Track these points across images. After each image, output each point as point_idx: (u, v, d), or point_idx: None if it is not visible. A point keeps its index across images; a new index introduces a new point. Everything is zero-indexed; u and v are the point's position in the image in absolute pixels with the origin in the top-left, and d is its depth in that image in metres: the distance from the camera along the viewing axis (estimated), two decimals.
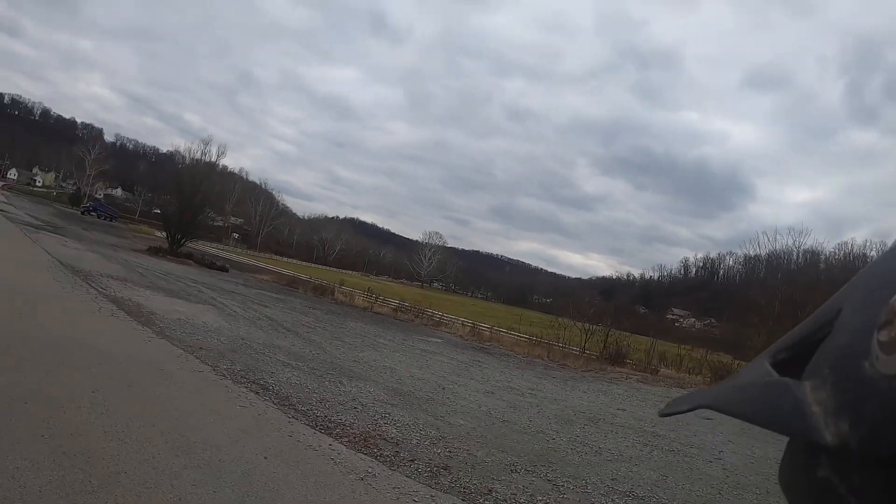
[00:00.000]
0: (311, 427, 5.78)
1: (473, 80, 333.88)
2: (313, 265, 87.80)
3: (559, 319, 23.26)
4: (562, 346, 21.64)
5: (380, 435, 5.95)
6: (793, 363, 0.44)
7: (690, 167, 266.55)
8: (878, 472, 0.35)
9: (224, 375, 7.32)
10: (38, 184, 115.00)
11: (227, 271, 32.40)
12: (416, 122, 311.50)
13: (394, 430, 6.25)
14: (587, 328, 22.20)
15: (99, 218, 65.56)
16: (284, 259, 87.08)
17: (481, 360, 16.23)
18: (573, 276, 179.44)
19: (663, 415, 0.52)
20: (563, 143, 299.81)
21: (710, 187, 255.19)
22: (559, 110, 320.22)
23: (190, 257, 31.79)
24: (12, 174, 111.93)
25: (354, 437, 5.67)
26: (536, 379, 13.99)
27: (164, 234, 33.61)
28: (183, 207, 32.59)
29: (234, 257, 53.44)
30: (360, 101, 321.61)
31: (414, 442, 5.98)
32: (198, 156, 35.23)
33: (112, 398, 5.36)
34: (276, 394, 6.91)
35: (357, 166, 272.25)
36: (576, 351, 21.48)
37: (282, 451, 4.91)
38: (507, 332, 26.32)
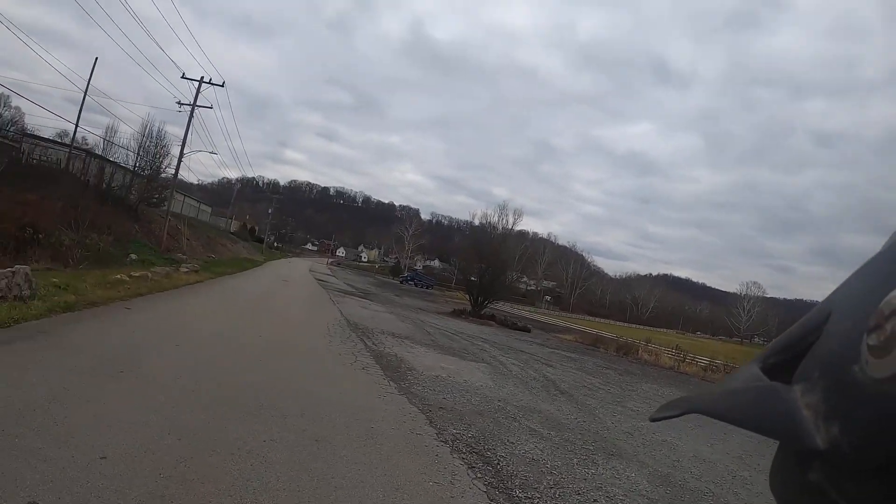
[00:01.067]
0: None
1: (770, 109, 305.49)
2: (625, 324, 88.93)
3: None
4: None
5: None
6: (783, 367, 0.47)
7: None
8: (869, 477, 0.37)
9: (445, 442, 6.46)
10: (363, 259, 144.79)
11: (528, 331, 33.50)
12: (717, 166, 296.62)
13: None
14: None
15: (416, 286, 75.58)
16: (596, 319, 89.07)
17: None
18: None
19: (654, 419, 0.56)
20: (883, 162, 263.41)
21: None
22: (870, 125, 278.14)
23: (492, 318, 34.08)
24: (341, 252, 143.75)
25: None
26: None
27: (469, 297, 36.42)
28: (482, 271, 35.27)
29: (543, 319, 55.06)
30: (658, 152, 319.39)
31: None
32: (495, 220, 37.93)
33: (280, 451, 4.92)
34: (497, 471, 5.76)
35: (665, 220, 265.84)
36: None
37: None
38: None
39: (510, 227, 37.56)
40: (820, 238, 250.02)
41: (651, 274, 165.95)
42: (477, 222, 39.18)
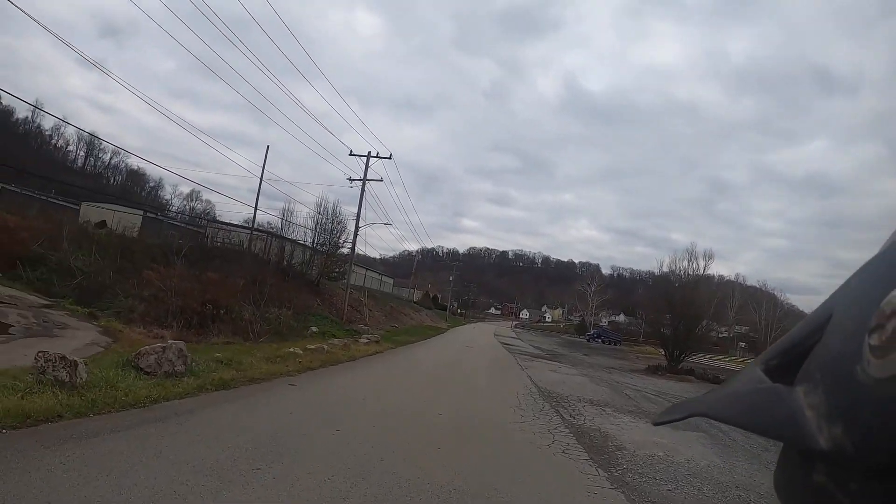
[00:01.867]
0: None
1: None
2: None
3: None
4: None
5: None
6: (785, 369, 0.49)
7: None
8: (873, 477, 0.38)
9: None
10: (547, 319, 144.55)
11: None
12: None
13: None
14: None
15: (603, 343, 73.09)
16: None
17: None
18: None
19: (657, 423, 0.58)
20: None
21: None
22: None
23: (691, 373, 31.04)
24: (524, 314, 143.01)
25: None
26: None
27: (663, 352, 33.66)
28: (676, 321, 32.47)
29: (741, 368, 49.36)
30: (838, 169, 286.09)
31: None
32: (685, 266, 34.70)
33: None
34: None
35: (857, 243, 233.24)
36: None
37: None
38: None
39: (701, 271, 33.90)
40: None
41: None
42: (665, 269, 35.66)
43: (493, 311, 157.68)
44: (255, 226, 34.70)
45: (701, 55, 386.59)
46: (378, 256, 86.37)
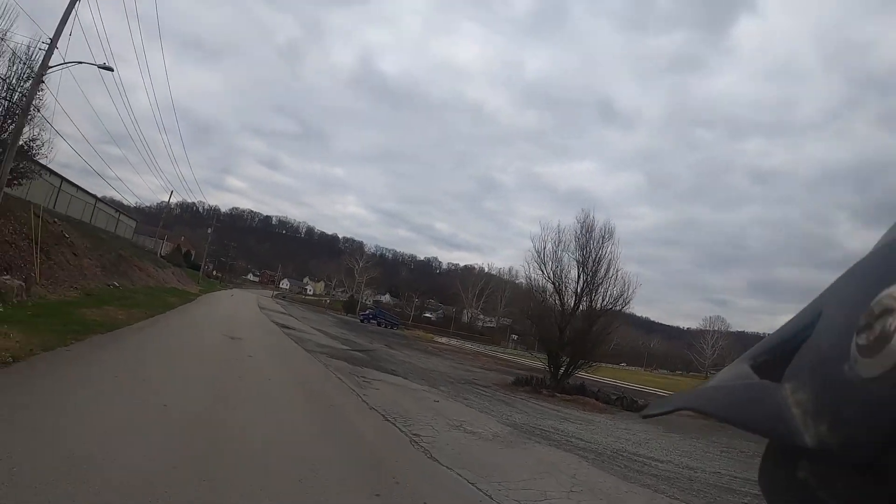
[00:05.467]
0: None
1: (710, 149, 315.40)
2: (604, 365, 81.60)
3: None
4: None
5: None
6: (773, 366, 0.48)
7: None
8: (856, 475, 0.38)
9: None
10: (308, 292, 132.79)
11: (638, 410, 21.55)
12: (659, 203, 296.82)
13: None
14: None
15: (379, 326, 63.61)
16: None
17: None
18: None
19: (645, 416, 0.59)
20: (815, 199, 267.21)
21: None
22: (806, 163, 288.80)
23: (582, 391, 21.60)
24: (284, 284, 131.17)
25: None
26: None
27: (547, 360, 23.59)
28: (564, 321, 22.75)
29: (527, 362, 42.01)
30: (601, 190, 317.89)
31: None
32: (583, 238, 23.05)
33: None
34: None
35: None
36: None
37: None
38: None
39: (602, 254, 22.22)
40: (756, 272, 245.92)
41: (595, 307, 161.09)
42: (545, 242, 21.78)
43: (250, 277, 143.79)
44: None
45: (498, 62, 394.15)
46: (134, 205, 67.28)
